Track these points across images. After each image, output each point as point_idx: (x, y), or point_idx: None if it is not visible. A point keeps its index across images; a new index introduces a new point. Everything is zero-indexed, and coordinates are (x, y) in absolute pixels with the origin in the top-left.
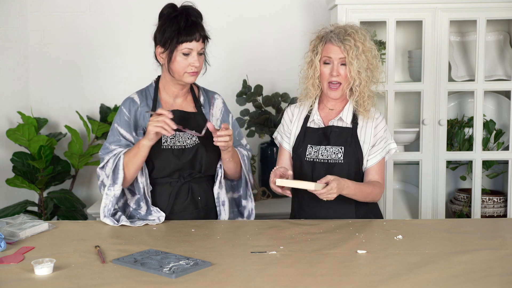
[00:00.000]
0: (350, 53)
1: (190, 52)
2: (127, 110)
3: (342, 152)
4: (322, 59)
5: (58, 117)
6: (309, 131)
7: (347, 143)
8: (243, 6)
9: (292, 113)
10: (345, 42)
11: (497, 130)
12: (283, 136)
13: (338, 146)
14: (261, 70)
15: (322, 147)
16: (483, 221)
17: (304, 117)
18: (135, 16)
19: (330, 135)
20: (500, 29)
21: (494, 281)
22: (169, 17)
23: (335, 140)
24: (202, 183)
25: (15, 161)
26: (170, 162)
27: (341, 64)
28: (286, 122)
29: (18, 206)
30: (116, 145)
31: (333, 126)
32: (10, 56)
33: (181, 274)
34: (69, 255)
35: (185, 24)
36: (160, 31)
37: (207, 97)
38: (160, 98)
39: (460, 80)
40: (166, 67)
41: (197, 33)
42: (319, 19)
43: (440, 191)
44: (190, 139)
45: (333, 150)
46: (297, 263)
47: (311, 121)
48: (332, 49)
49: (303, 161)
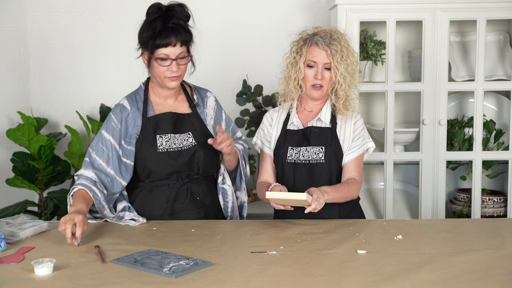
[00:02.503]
0: (336, 57)
1: (167, 57)
2: (117, 118)
3: (323, 152)
4: (306, 62)
5: (58, 117)
6: (289, 133)
7: (327, 143)
8: (243, 6)
9: (271, 117)
10: (331, 47)
11: (497, 130)
12: (263, 141)
13: (319, 146)
14: (261, 70)
15: (303, 148)
16: (483, 221)
17: (283, 120)
18: (135, 16)
19: (310, 135)
20: (500, 29)
21: (494, 281)
22: (148, 19)
23: (316, 140)
24: (201, 183)
25: (15, 161)
26: (167, 165)
27: (325, 68)
28: (266, 126)
29: (18, 206)
30: (97, 156)
31: (313, 127)
32: (10, 56)
33: (181, 274)
34: (69, 255)
35: (161, 29)
36: (139, 32)
37: (201, 96)
38: (150, 100)
39: (460, 80)
40: (149, 69)
41: (173, 38)
42: (319, 19)
43: (440, 191)
44: (186, 140)
45: (314, 150)
46: (297, 263)
47: (290, 124)
48: (317, 53)
49: (285, 163)
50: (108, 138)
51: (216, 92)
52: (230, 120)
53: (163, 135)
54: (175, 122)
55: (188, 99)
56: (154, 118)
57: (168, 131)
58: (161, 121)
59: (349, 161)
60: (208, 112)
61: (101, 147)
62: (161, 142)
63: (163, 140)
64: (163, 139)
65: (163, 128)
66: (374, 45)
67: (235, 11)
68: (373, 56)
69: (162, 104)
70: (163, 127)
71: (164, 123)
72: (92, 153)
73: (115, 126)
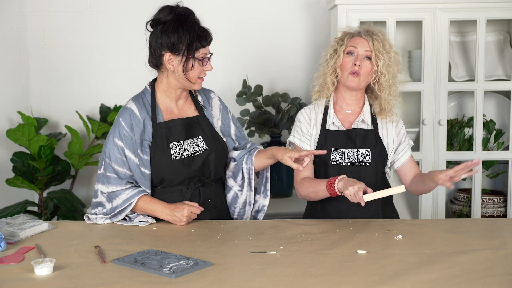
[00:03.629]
0: (378, 47)
1: (204, 57)
2: (127, 125)
3: (369, 155)
4: (347, 49)
5: (58, 117)
6: (330, 134)
7: (373, 145)
8: (243, 6)
9: (309, 116)
10: (373, 37)
11: (497, 130)
12: (302, 139)
13: (365, 148)
14: (261, 70)
15: (347, 150)
16: (483, 221)
17: (321, 119)
18: (135, 16)
19: (356, 137)
20: (500, 29)
21: (494, 281)
22: (180, 22)
23: (361, 142)
24: (211, 186)
25: (15, 161)
26: (180, 172)
27: (365, 58)
28: (305, 125)
29: (18, 206)
30: (118, 166)
31: (358, 129)
32: (10, 56)
33: (181, 274)
34: (69, 255)
35: (199, 29)
36: (169, 37)
37: (206, 97)
38: (158, 104)
39: (460, 80)
40: (180, 73)
41: (209, 37)
42: (319, 19)
43: (440, 191)
44: (198, 145)
45: (360, 153)
46: (297, 263)
47: (330, 124)
48: (359, 41)
49: (328, 165)
50: (121, 145)
51: (216, 92)
52: (236, 120)
53: (176, 142)
54: (186, 127)
55: (194, 101)
56: (165, 124)
57: (181, 137)
58: (173, 127)
59: (406, 161)
60: (214, 113)
61: (119, 157)
62: (174, 150)
63: (176, 147)
64: (177, 146)
65: (176, 135)
66: None
67: (235, 11)
68: None
69: (170, 108)
70: (175, 134)
71: (176, 130)
72: (113, 164)
73: (127, 135)
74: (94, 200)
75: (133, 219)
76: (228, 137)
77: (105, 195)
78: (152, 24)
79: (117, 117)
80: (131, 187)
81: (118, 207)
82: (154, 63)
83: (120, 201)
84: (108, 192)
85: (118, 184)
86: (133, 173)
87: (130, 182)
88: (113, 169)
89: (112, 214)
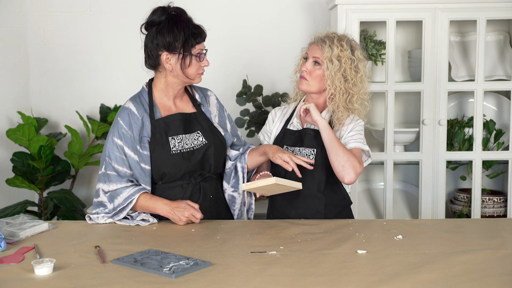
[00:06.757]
0: (328, 54)
1: (201, 52)
2: (125, 124)
3: (313, 154)
4: (303, 55)
5: (58, 117)
6: (287, 132)
7: (320, 146)
8: (243, 6)
9: (276, 114)
10: (322, 43)
11: (497, 130)
12: (265, 135)
13: (311, 148)
14: (261, 70)
15: (296, 148)
16: (483, 221)
17: (286, 119)
18: (135, 16)
19: (305, 137)
20: (500, 29)
21: (494, 281)
22: (173, 22)
23: (308, 142)
24: (212, 181)
25: (15, 161)
26: (181, 166)
27: (314, 62)
28: (269, 122)
29: (18, 206)
30: (118, 165)
31: (308, 129)
32: (10, 56)
33: (181, 274)
34: (69, 255)
35: (193, 26)
36: (164, 37)
37: (203, 94)
38: (155, 103)
39: (460, 80)
40: (178, 71)
41: (203, 34)
42: (319, 19)
43: (440, 191)
44: (197, 140)
45: (306, 152)
46: (297, 263)
47: (290, 124)
48: (312, 48)
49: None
50: (121, 144)
51: (216, 92)
52: (231, 119)
53: (175, 137)
54: (184, 122)
55: (191, 98)
56: (163, 120)
57: (179, 132)
58: (171, 122)
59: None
60: (212, 110)
61: (119, 156)
62: (174, 144)
63: (175, 141)
64: (176, 141)
65: (174, 130)
66: (374, 45)
67: (235, 11)
68: (373, 56)
69: (168, 105)
70: (174, 129)
71: (174, 124)
72: (113, 163)
73: (126, 133)
74: (95, 200)
75: (135, 217)
76: (226, 132)
77: (107, 195)
78: (146, 26)
79: (116, 117)
80: (132, 185)
81: (119, 206)
82: (151, 64)
83: (121, 199)
84: (109, 190)
85: (119, 182)
86: (133, 171)
87: (131, 180)
88: (113, 168)
89: (114, 213)
